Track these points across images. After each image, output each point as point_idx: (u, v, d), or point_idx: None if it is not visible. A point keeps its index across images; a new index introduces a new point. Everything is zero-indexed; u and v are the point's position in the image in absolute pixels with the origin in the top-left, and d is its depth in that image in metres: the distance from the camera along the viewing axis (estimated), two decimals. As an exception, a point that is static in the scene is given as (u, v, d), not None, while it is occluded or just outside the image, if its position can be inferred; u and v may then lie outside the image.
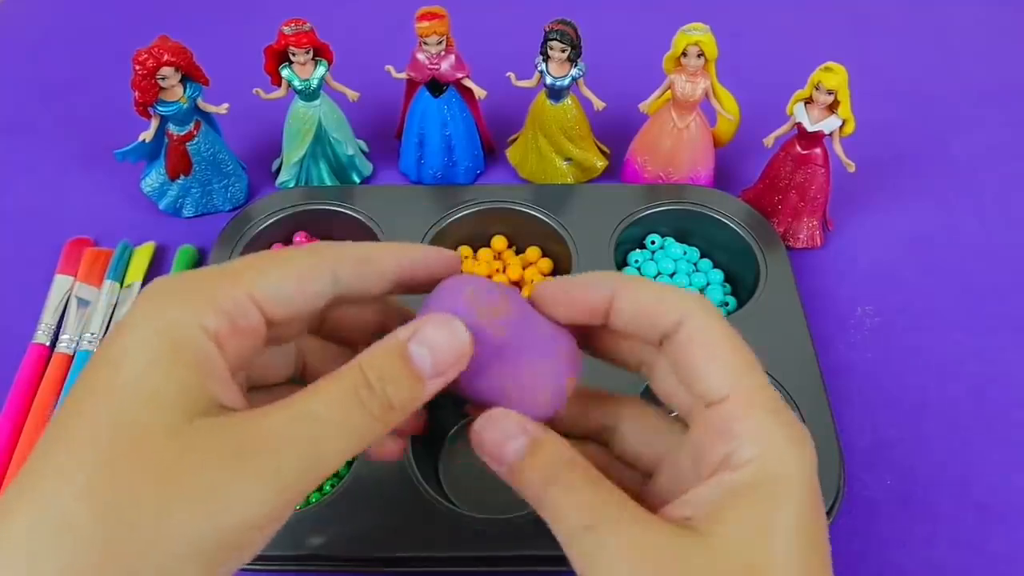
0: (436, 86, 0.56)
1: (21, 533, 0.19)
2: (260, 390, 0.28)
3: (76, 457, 0.20)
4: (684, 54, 0.52)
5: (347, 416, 0.22)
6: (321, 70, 0.55)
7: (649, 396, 0.46)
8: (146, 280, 0.54)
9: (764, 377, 0.24)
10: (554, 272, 0.55)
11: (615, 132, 0.62)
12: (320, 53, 0.55)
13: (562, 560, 0.42)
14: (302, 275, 0.24)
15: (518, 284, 0.54)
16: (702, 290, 0.53)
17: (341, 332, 0.29)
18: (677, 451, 0.26)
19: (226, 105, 0.55)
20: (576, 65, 0.54)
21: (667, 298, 0.25)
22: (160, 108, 0.53)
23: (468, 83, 0.56)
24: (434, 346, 0.23)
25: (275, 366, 0.28)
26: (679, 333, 0.24)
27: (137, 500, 0.20)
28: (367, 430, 0.23)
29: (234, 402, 0.23)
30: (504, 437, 0.24)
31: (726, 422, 0.23)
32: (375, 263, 0.26)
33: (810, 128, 0.52)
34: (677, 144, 0.56)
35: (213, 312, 0.22)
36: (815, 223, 0.56)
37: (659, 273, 0.54)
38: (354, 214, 0.54)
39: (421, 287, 0.27)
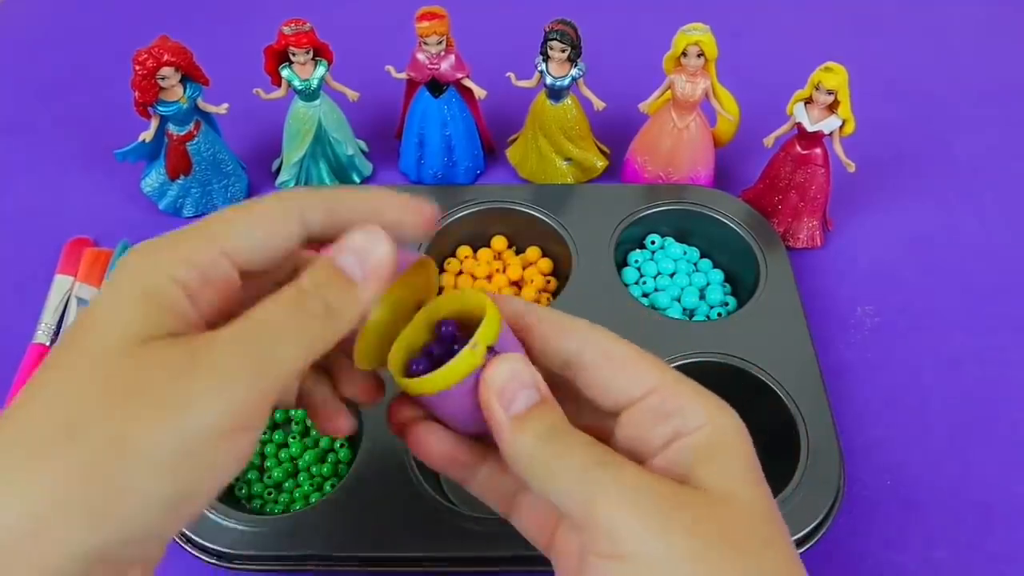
0: (436, 86, 0.56)
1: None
2: None
3: (49, 385, 0.22)
4: (684, 54, 0.52)
5: (290, 318, 0.23)
6: (321, 70, 0.55)
7: None
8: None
9: (674, 370, 0.27)
10: (554, 272, 0.55)
11: (615, 132, 0.62)
12: (320, 53, 0.55)
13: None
14: (270, 221, 0.25)
15: (518, 284, 0.54)
16: (702, 290, 0.53)
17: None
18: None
19: (226, 105, 0.55)
20: (576, 65, 0.54)
21: (568, 323, 0.27)
22: (160, 108, 0.53)
23: (468, 83, 0.56)
24: (360, 252, 0.25)
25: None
26: (585, 355, 0.26)
27: (97, 418, 0.21)
28: (313, 332, 0.24)
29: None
30: (519, 385, 0.25)
31: (661, 406, 0.25)
32: (343, 207, 0.26)
33: (810, 128, 0.52)
34: (677, 144, 0.56)
35: (184, 266, 0.23)
36: (815, 223, 0.56)
37: (659, 273, 0.54)
38: (354, 214, 0.54)
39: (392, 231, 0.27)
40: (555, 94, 0.56)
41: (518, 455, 0.25)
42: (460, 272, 0.54)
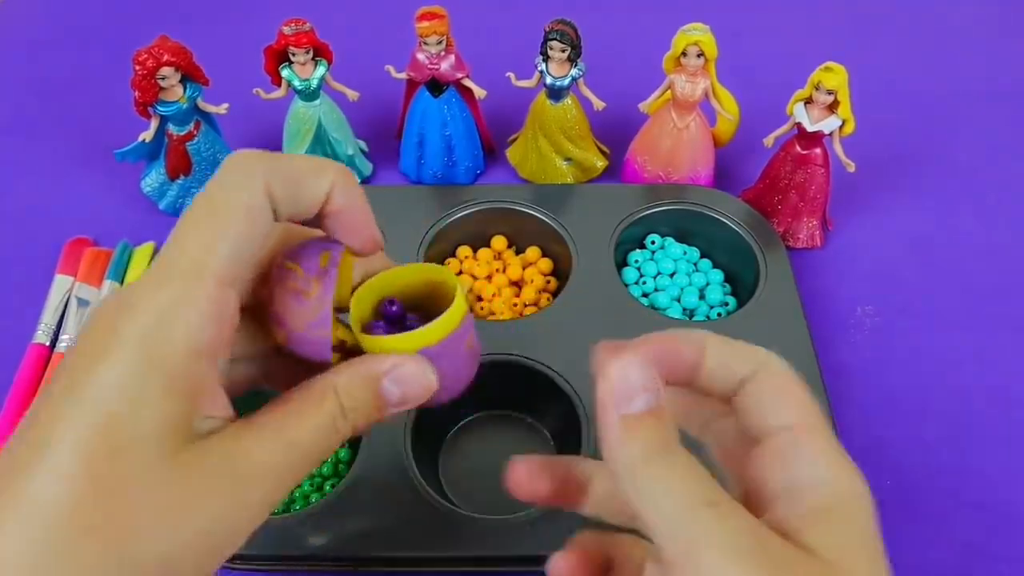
0: (436, 86, 0.56)
1: (14, 545, 0.19)
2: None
3: (69, 480, 0.20)
4: (684, 54, 0.52)
5: (326, 443, 0.24)
6: (321, 70, 0.55)
7: None
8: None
9: (823, 417, 0.25)
10: (554, 272, 0.55)
11: (615, 132, 0.62)
12: (320, 53, 0.55)
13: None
14: (248, 230, 0.23)
15: (518, 284, 0.54)
16: (702, 290, 0.53)
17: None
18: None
19: (226, 105, 0.55)
20: (576, 65, 0.54)
21: (747, 349, 0.25)
22: (160, 108, 0.53)
23: (468, 83, 0.56)
24: (406, 386, 0.25)
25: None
26: (753, 379, 0.25)
27: (135, 533, 0.20)
28: (331, 451, 0.25)
29: (223, 410, 0.23)
30: (637, 386, 0.23)
31: (791, 446, 0.24)
32: (306, 186, 0.25)
33: (810, 128, 0.52)
34: (677, 144, 0.56)
35: (199, 321, 0.22)
36: (815, 223, 0.56)
37: (659, 273, 0.54)
38: (354, 214, 0.54)
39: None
40: (555, 94, 0.56)
41: (619, 464, 0.23)
42: (460, 272, 0.54)
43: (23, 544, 0.19)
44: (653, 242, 0.55)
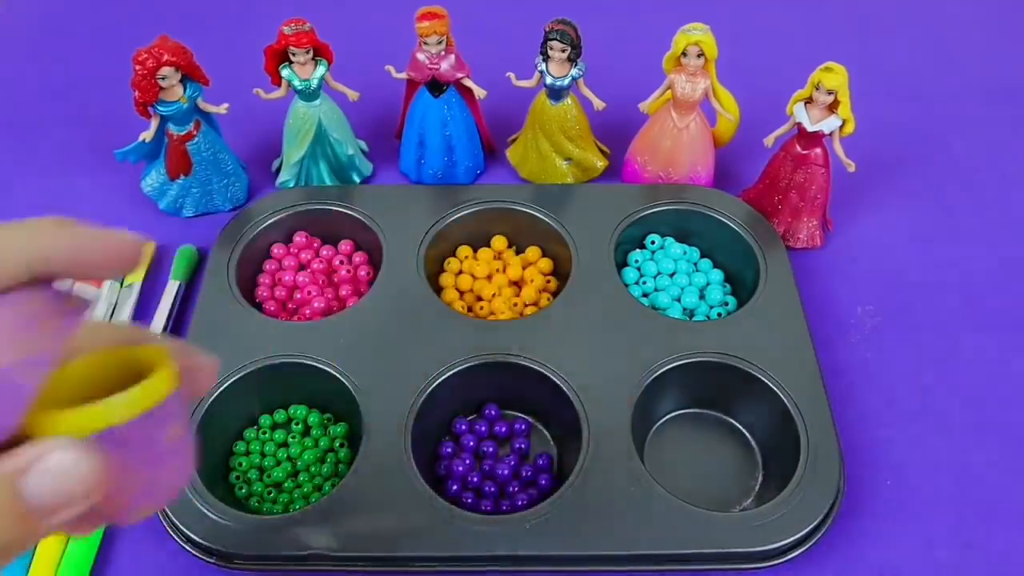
0: (436, 86, 0.56)
1: None
2: None
3: None
4: (684, 54, 0.52)
5: None
6: (321, 70, 0.55)
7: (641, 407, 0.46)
8: (146, 280, 0.54)
9: None
10: (554, 272, 0.55)
11: (615, 132, 0.62)
12: (320, 53, 0.55)
13: (561, 560, 0.42)
14: None
15: (518, 284, 0.54)
16: (702, 290, 0.53)
17: None
18: None
19: (226, 105, 0.55)
20: (576, 65, 0.54)
21: None
22: (160, 108, 0.53)
23: (468, 83, 0.56)
24: (55, 480, 0.19)
25: None
26: None
27: None
28: None
29: None
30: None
31: None
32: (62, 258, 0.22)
33: (810, 128, 0.52)
34: (677, 144, 0.56)
35: None
36: (815, 223, 0.56)
37: (659, 273, 0.54)
38: (354, 214, 0.54)
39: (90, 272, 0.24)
40: (555, 94, 0.56)
41: None
42: (460, 272, 0.54)
43: None
44: (653, 242, 0.55)
